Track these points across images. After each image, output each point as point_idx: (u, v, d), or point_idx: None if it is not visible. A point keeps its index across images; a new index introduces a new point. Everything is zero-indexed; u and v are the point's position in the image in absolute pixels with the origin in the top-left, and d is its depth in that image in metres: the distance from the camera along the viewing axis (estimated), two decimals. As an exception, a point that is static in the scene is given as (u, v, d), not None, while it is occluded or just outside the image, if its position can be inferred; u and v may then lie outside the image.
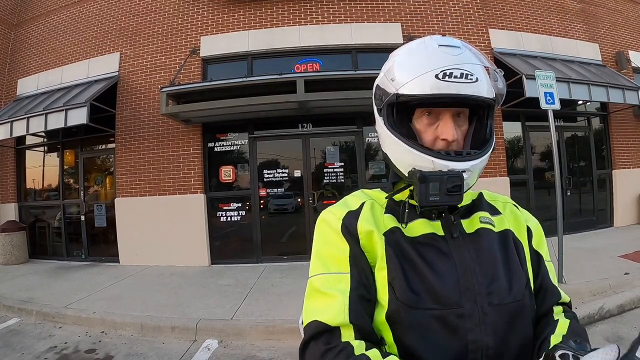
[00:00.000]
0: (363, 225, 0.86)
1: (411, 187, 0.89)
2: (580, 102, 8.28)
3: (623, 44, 9.40)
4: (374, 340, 0.79)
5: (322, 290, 0.82)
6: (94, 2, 8.43)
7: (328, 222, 0.91)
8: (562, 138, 8.60)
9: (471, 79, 0.81)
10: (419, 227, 0.88)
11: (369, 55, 7.55)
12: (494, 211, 0.97)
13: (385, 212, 0.91)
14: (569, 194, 8.34)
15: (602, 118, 9.11)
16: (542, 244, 0.98)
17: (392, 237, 0.85)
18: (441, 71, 0.81)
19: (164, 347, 4.06)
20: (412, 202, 0.89)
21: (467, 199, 0.95)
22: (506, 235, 0.92)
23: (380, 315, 0.81)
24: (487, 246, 0.87)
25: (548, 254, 0.99)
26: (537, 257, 0.95)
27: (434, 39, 0.87)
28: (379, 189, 1.01)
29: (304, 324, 0.81)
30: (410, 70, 0.85)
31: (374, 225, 0.86)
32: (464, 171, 0.82)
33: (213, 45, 7.64)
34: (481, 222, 0.91)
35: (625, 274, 5.04)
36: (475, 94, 0.82)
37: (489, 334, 0.78)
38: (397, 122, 0.89)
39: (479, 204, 0.97)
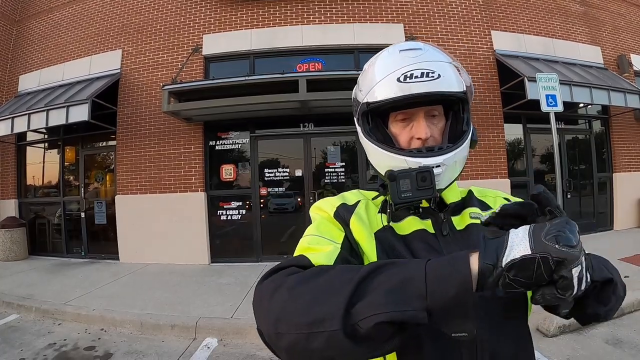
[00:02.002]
0: (355, 223, 0.86)
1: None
2: (581, 104, 8.27)
3: (625, 47, 9.39)
4: None
5: (309, 246, 0.82)
6: (97, -1, 8.43)
7: (322, 208, 0.92)
8: (563, 140, 8.59)
9: (432, 77, 0.83)
10: (410, 225, 0.88)
11: (371, 56, 7.51)
12: (485, 207, 0.96)
13: (379, 212, 0.91)
14: (569, 196, 8.33)
15: (603, 121, 9.10)
16: None
17: (383, 235, 0.86)
18: (402, 74, 0.84)
19: (164, 345, 4.06)
20: None
21: (456, 196, 0.95)
22: None
23: None
24: (477, 241, 0.84)
25: None
26: None
27: (396, 46, 0.90)
28: (375, 191, 1.02)
29: (294, 254, 0.81)
30: (374, 78, 0.89)
31: (366, 225, 0.87)
32: (438, 166, 0.83)
33: (215, 43, 7.64)
34: (471, 217, 0.91)
35: (625, 277, 5.01)
36: (439, 90, 0.83)
37: (483, 328, 0.74)
38: (373, 129, 0.93)
39: (469, 200, 0.97)
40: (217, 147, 7.63)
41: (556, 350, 3.48)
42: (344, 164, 7.48)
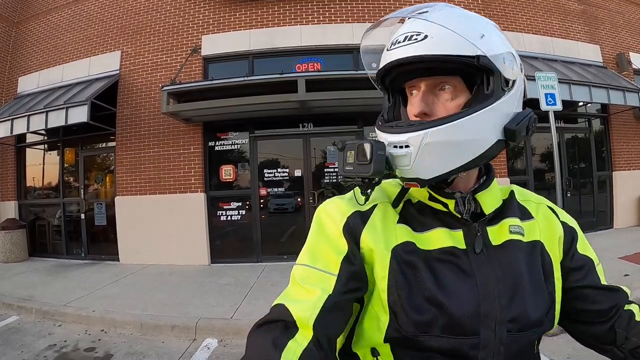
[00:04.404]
0: (367, 239, 0.76)
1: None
2: (580, 103, 8.28)
3: (624, 45, 9.40)
4: (326, 353, 0.68)
5: (300, 282, 0.74)
6: (96, 0, 8.42)
7: (331, 215, 0.81)
8: (563, 139, 8.60)
9: (416, 39, 0.70)
10: (436, 239, 0.76)
11: (370, 55, 7.53)
12: (526, 214, 0.84)
13: (398, 222, 0.79)
14: (569, 195, 8.33)
15: (602, 119, 9.11)
16: (588, 246, 0.88)
17: (402, 254, 0.74)
18: (391, 42, 0.76)
19: (164, 345, 4.06)
20: (428, 202, 0.81)
21: (496, 200, 0.81)
22: (534, 248, 0.80)
23: (377, 336, 0.75)
24: (514, 263, 0.76)
25: (596, 257, 0.87)
26: (585, 263, 0.84)
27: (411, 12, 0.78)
28: (397, 181, 0.85)
29: (275, 302, 0.74)
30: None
31: (382, 240, 0.76)
32: (407, 146, 0.70)
33: (214, 44, 7.64)
34: (511, 232, 0.79)
35: (625, 275, 5.04)
36: (420, 53, 0.69)
37: None
38: (390, 109, 0.85)
39: (510, 205, 0.84)
40: (216, 148, 7.63)
41: (557, 349, 3.47)
42: (343, 164, 7.45)
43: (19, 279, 6.51)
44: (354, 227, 0.77)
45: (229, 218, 7.51)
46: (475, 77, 0.73)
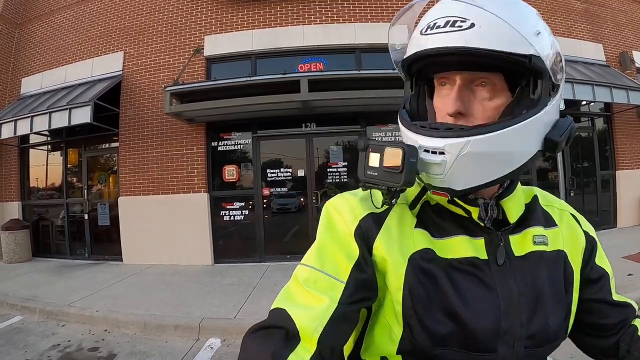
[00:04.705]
0: (381, 246, 0.70)
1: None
2: (584, 102, 8.25)
3: (627, 44, 9.36)
4: None
5: (304, 286, 0.67)
6: (98, 1, 8.45)
7: (342, 214, 0.73)
8: (566, 138, 8.55)
9: (460, 26, 0.60)
10: (456, 247, 0.70)
11: (372, 55, 7.53)
12: (549, 222, 0.79)
13: (416, 226, 0.72)
14: (572, 194, 8.30)
15: (605, 118, 9.07)
16: (604, 257, 0.84)
17: (420, 262, 0.69)
18: (426, 25, 0.65)
19: (167, 345, 4.06)
20: (448, 205, 0.74)
21: (521, 204, 0.75)
22: (558, 258, 0.75)
23: (389, 347, 0.71)
24: (537, 276, 0.71)
25: (611, 268, 0.83)
26: (601, 276, 0.80)
27: None
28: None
29: (273, 306, 0.68)
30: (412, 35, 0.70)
31: (397, 247, 0.69)
32: (442, 152, 0.62)
33: (217, 44, 7.65)
34: (535, 242, 0.73)
35: (629, 275, 5.01)
36: (463, 45, 0.60)
37: None
38: (413, 97, 0.76)
39: (533, 212, 0.77)
40: (219, 148, 7.64)
41: (559, 349, 3.46)
42: (346, 163, 7.46)
43: (22, 279, 6.54)
44: (366, 232, 0.71)
45: (232, 218, 7.51)
46: (519, 77, 0.66)
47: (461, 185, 0.64)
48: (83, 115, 6.74)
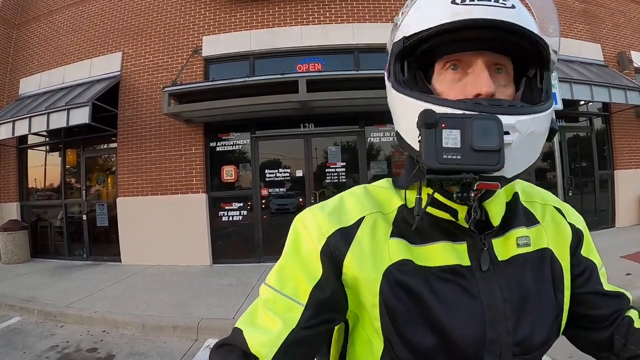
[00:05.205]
0: (352, 264, 0.65)
1: (429, 190, 0.66)
2: (582, 102, 8.26)
3: (625, 44, 9.38)
4: None
5: (264, 306, 0.67)
6: (96, 2, 8.44)
7: (309, 230, 0.69)
8: (564, 138, 8.58)
9: (504, 4, 0.57)
10: (438, 255, 0.65)
11: (371, 56, 7.54)
12: (531, 220, 0.74)
13: (391, 236, 0.67)
14: (570, 194, 8.31)
15: (604, 118, 9.08)
16: (593, 248, 0.80)
17: (396, 275, 0.64)
18: None
19: (166, 346, 4.06)
20: (429, 208, 0.67)
21: (502, 203, 0.69)
22: (543, 257, 0.71)
23: None
24: (522, 281, 0.67)
25: (600, 259, 0.79)
26: (586, 267, 0.76)
27: None
28: (389, 182, 0.76)
29: (236, 324, 0.68)
30: (422, 7, 0.63)
31: (370, 263, 0.65)
32: (507, 132, 0.54)
33: (215, 45, 7.65)
34: (518, 245, 0.69)
35: (627, 274, 5.02)
36: (514, 21, 0.56)
37: None
38: (410, 81, 0.65)
39: (515, 211, 0.72)
40: (217, 149, 7.64)
41: (558, 349, 3.46)
42: (344, 163, 7.47)
43: (21, 280, 6.53)
44: (334, 250, 0.66)
45: (230, 218, 7.51)
46: (524, 68, 0.65)
47: (512, 172, 0.58)
48: (81, 116, 6.73)
